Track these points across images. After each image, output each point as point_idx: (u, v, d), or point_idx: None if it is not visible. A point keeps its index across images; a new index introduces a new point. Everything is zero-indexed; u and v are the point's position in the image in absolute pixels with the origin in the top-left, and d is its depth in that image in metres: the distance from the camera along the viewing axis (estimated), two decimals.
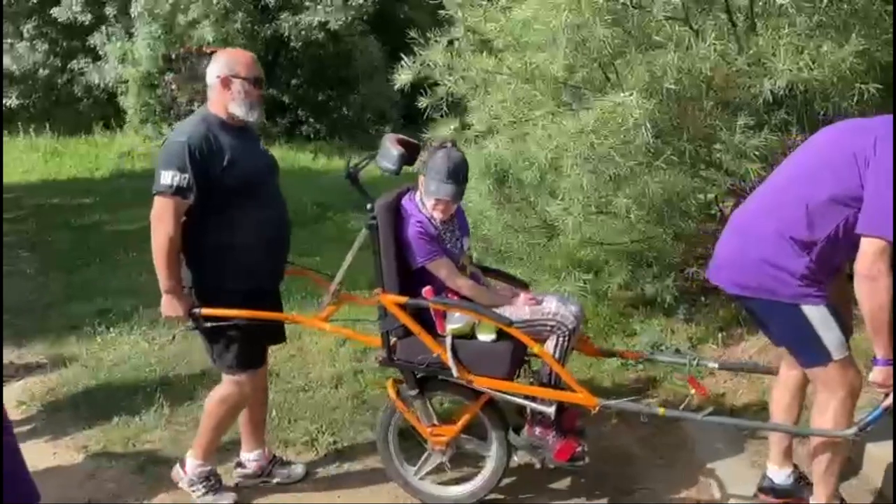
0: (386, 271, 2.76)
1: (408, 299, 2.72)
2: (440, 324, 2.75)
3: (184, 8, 12.80)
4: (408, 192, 2.90)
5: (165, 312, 2.72)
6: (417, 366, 2.79)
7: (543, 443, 2.79)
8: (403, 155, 2.74)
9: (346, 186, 2.86)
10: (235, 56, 2.80)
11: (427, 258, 2.75)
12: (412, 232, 2.74)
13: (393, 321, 2.76)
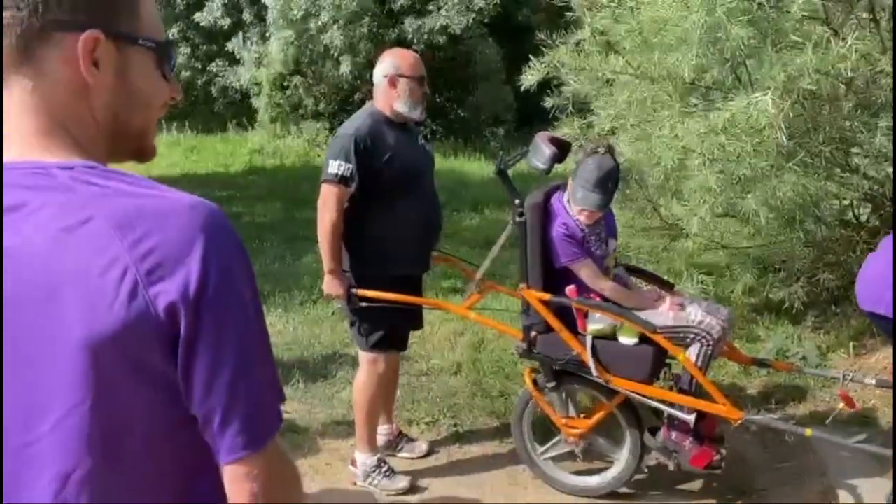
0: (530, 267, 2.83)
1: (551, 297, 2.78)
2: (581, 322, 2.80)
3: (315, 13, 13.46)
4: (557, 191, 2.95)
5: (326, 290, 2.94)
6: (556, 361, 2.85)
7: (679, 447, 2.78)
8: (555, 154, 2.78)
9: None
10: (401, 56, 2.99)
11: (569, 260, 2.80)
12: (556, 233, 2.80)
13: (535, 316, 2.83)
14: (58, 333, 0.80)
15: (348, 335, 4.71)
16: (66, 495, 0.83)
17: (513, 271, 5.41)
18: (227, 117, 16.52)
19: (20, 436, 0.83)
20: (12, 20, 0.82)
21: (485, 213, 8.70)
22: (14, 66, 0.85)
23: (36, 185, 0.82)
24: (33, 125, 0.86)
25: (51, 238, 0.80)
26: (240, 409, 0.85)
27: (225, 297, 0.83)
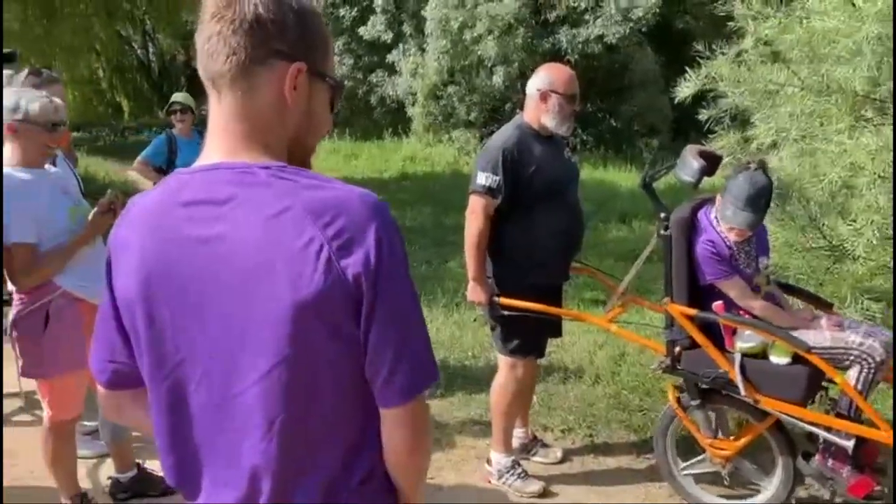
0: (676, 282, 2.80)
1: (697, 312, 2.73)
2: (729, 340, 2.73)
3: (470, 25, 13.78)
4: (705, 205, 2.88)
5: (470, 297, 3.06)
6: (702, 378, 2.78)
7: (836, 475, 2.64)
8: (704, 167, 2.74)
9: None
10: (556, 72, 3.05)
11: (716, 277, 2.74)
12: (702, 250, 2.75)
13: (680, 331, 2.79)
14: (268, 299, 1.00)
15: (488, 339, 4.84)
16: (270, 436, 1.04)
17: (657, 286, 5.34)
18: (383, 125, 17.29)
19: (234, 386, 1.04)
20: (237, 46, 1.03)
21: (633, 226, 8.54)
22: (231, 80, 1.06)
23: (242, 181, 1.03)
24: (239, 128, 1.07)
25: (260, 223, 1.01)
26: (404, 363, 1.05)
27: (394, 269, 1.03)
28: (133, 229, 1.09)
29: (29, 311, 2.59)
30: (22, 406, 3.90)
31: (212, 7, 1.05)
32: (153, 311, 1.06)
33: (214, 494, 1.11)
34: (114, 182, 10.21)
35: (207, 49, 1.05)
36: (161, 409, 1.11)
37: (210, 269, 1.03)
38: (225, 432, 1.07)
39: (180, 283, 1.04)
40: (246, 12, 1.03)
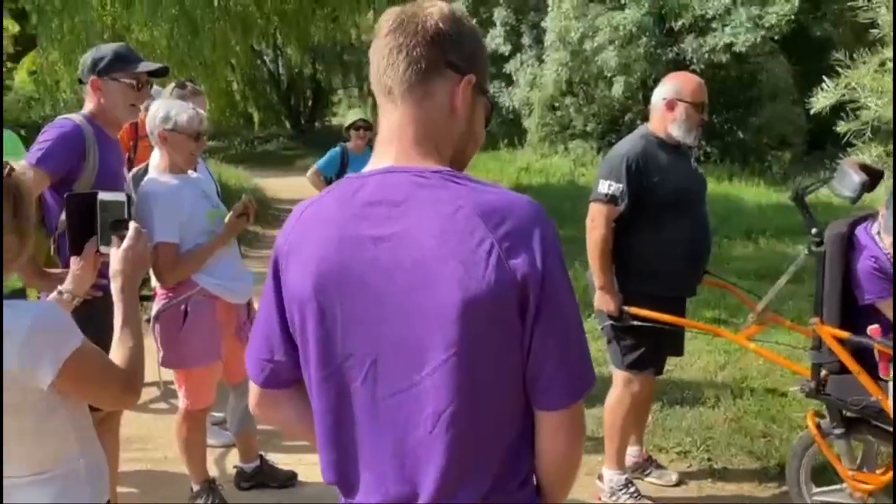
0: (827, 302, 2.65)
1: (849, 335, 2.57)
2: (884, 366, 2.53)
3: (591, 35, 13.63)
4: (864, 222, 2.71)
5: (598, 305, 3.02)
6: (849, 405, 2.63)
7: None
8: (865, 182, 2.58)
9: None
10: (683, 81, 2.99)
11: (878, 295, 2.57)
12: (864, 266, 2.59)
13: (828, 354, 2.64)
14: (440, 295, 1.05)
15: (601, 352, 4.75)
16: (439, 428, 1.07)
17: (792, 305, 5.07)
18: (499, 136, 17.37)
19: (404, 379, 1.09)
20: (418, 55, 1.12)
21: (759, 243, 8.13)
22: (409, 88, 1.13)
23: (416, 183, 1.10)
24: (412, 134, 1.14)
25: (434, 223, 1.06)
26: (565, 367, 1.09)
27: (558, 273, 1.08)
28: (307, 231, 1.15)
29: (170, 306, 2.79)
30: (159, 394, 4.19)
31: (392, 23, 1.14)
32: (325, 309, 1.11)
33: (374, 490, 1.13)
34: (244, 188, 10.83)
35: (388, 61, 1.13)
36: (323, 406, 1.14)
37: (385, 267, 1.07)
38: (391, 426, 1.10)
39: (356, 281, 1.09)
40: (428, 26, 1.12)
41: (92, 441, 1.53)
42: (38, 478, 1.43)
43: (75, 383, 1.39)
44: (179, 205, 2.75)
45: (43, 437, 1.42)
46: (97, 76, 2.49)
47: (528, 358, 1.07)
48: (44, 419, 1.40)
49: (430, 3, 1.15)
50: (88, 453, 1.50)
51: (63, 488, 1.45)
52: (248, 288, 3.03)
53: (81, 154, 2.43)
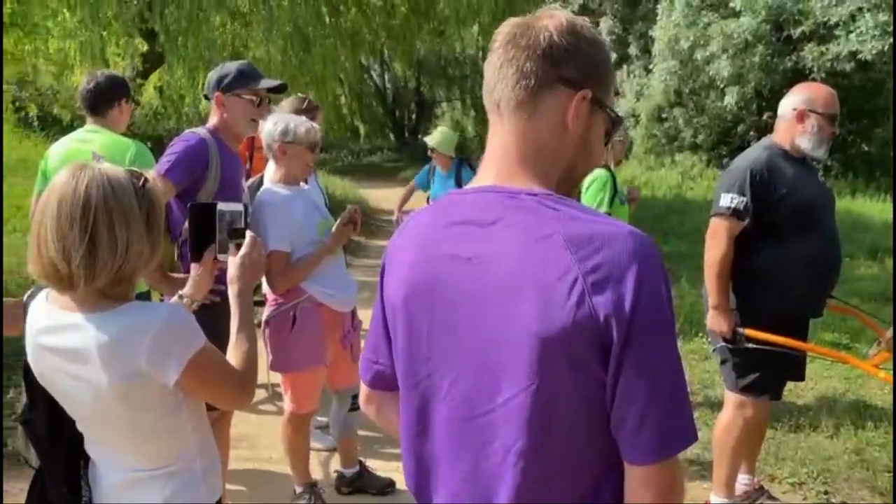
0: None
1: None
2: None
3: (703, 44, 13.20)
4: None
5: (710, 326, 2.89)
6: None
7: None
8: None
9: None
10: (815, 91, 2.84)
11: None
12: None
13: None
14: (517, 324, 1.00)
15: (708, 374, 4.55)
16: (507, 463, 1.03)
17: None
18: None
19: (477, 406, 1.05)
20: (529, 71, 1.07)
21: (885, 263, 7.59)
22: (517, 104, 1.09)
23: (509, 205, 1.05)
24: (515, 153, 1.10)
25: (519, 248, 1.02)
26: (652, 419, 0.97)
27: (652, 317, 0.97)
28: (406, 242, 1.17)
29: (280, 311, 2.90)
30: (267, 396, 4.36)
31: (505, 36, 1.09)
32: (412, 321, 1.12)
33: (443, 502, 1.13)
34: (349, 199, 11.14)
35: (498, 75, 1.09)
36: (408, 415, 1.15)
37: (466, 287, 1.06)
38: (465, 448, 1.08)
39: (439, 297, 1.09)
40: (541, 39, 1.06)
41: (209, 441, 1.59)
42: (157, 472, 1.50)
43: (198, 382, 1.45)
44: (292, 215, 2.85)
45: (165, 435, 1.48)
46: (221, 92, 2.63)
47: (613, 404, 0.99)
48: (167, 417, 1.46)
49: (547, 15, 1.10)
50: (205, 453, 1.57)
51: (181, 485, 1.51)
52: (352, 296, 3.10)
53: (205, 165, 2.56)
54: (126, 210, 1.35)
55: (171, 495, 1.50)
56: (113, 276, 1.36)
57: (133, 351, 1.36)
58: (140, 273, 1.45)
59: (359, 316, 3.24)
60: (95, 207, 1.33)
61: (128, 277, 1.40)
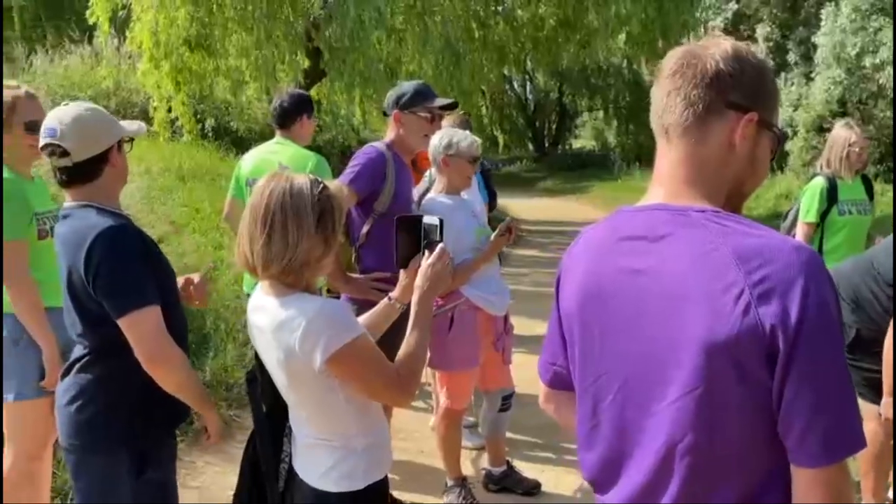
0: None
1: None
2: None
3: (872, 50, 12.30)
4: None
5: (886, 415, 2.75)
6: None
7: None
8: None
9: None
10: None
11: None
12: None
13: None
14: (683, 333, 1.08)
15: None
16: (669, 460, 1.12)
17: None
18: None
19: (644, 406, 1.15)
20: (696, 98, 1.14)
21: None
22: (684, 130, 1.17)
23: (678, 221, 1.14)
24: (683, 174, 1.18)
25: (687, 261, 1.10)
26: (820, 424, 1.02)
27: (819, 329, 1.02)
28: (580, 254, 1.29)
29: (439, 313, 3.09)
30: (418, 394, 4.60)
31: (673, 65, 1.17)
32: (585, 327, 1.24)
33: (616, 496, 1.22)
34: None
35: (666, 103, 1.17)
36: (583, 413, 1.27)
37: (636, 297, 1.16)
38: (632, 446, 1.17)
39: (610, 306, 1.19)
40: (708, 68, 1.14)
41: (373, 425, 1.75)
42: (322, 442, 1.71)
43: (346, 372, 1.63)
44: (453, 223, 3.04)
45: (324, 410, 1.70)
46: (399, 110, 2.87)
47: (780, 409, 1.03)
48: (322, 395, 1.67)
49: (713, 43, 1.17)
50: (367, 434, 1.73)
51: (341, 457, 1.71)
52: (506, 302, 3.25)
53: (383, 177, 2.81)
54: (299, 212, 1.59)
55: (333, 465, 1.70)
56: (284, 266, 1.60)
57: (290, 333, 1.59)
58: (312, 268, 1.66)
59: (511, 321, 3.38)
60: (274, 209, 1.59)
61: (297, 270, 1.62)
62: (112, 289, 1.85)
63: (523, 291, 6.72)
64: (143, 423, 1.95)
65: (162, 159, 8.28)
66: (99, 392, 1.96)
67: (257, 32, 8.33)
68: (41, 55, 10.77)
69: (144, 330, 1.86)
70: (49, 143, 1.92)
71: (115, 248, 1.87)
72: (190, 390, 1.97)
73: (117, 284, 1.86)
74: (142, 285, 1.88)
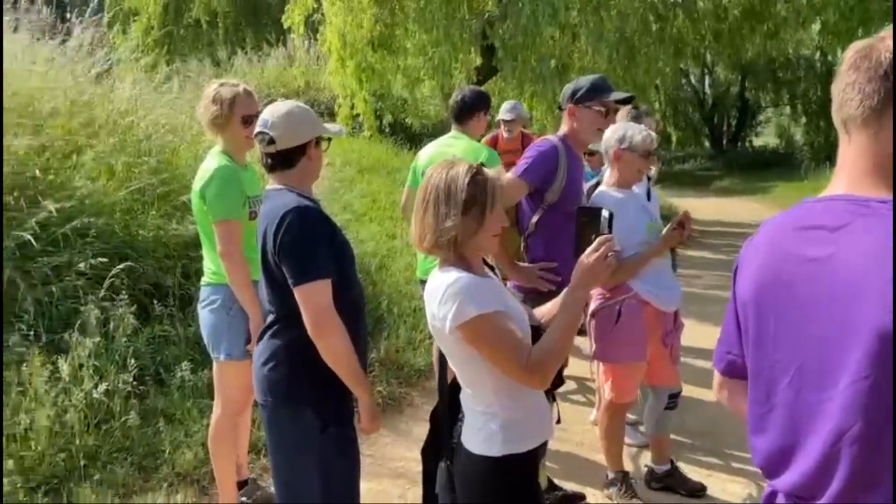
0: None
1: None
2: None
3: None
4: None
5: None
6: None
7: None
8: None
9: None
10: None
11: None
12: None
13: None
14: (858, 321, 1.10)
15: None
16: (838, 446, 1.14)
17: None
18: None
19: (817, 392, 1.18)
20: (871, 91, 1.16)
21: None
22: (862, 123, 1.19)
23: (857, 212, 1.16)
24: (863, 165, 1.20)
25: (863, 250, 1.12)
26: None
27: None
28: (759, 244, 1.32)
29: (606, 305, 3.11)
30: (576, 387, 4.63)
31: (850, 58, 1.21)
32: (761, 315, 1.27)
33: (787, 480, 1.24)
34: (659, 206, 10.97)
35: (843, 96, 1.21)
36: (753, 397, 1.30)
37: (811, 285, 1.18)
38: (804, 432, 1.20)
39: (786, 294, 1.22)
40: (882, 60, 1.16)
41: (518, 398, 1.82)
42: (470, 405, 1.86)
43: (473, 342, 1.74)
44: (623, 216, 3.03)
45: (467, 373, 1.84)
46: (574, 104, 2.93)
47: None
48: (464, 360, 1.80)
49: (889, 34, 1.18)
50: (509, 406, 1.82)
51: (483, 422, 1.83)
52: (676, 297, 3.19)
53: (555, 169, 2.88)
54: (450, 193, 1.75)
55: (477, 428, 1.84)
56: (434, 241, 1.77)
57: (434, 300, 1.77)
58: (463, 246, 1.79)
59: (681, 318, 3.32)
60: (431, 189, 1.78)
61: (445, 245, 1.78)
62: (293, 260, 2.07)
63: (694, 294, 6.50)
64: (325, 384, 2.13)
65: (343, 153, 8.86)
66: (286, 355, 2.18)
67: (435, 32, 8.66)
68: (241, 57, 11.91)
69: (314, 301, 2.06)
70: (261, 131, 2.19)
71: (301, 225, 2.08)
72: (344, 367, 2.12)
73: (298, 257, 2.07)
74: (319, 260, 2.07)
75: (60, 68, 5.06)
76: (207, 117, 2.81)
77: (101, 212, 4.19)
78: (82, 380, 3.33)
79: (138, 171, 4.60)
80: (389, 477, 3.54)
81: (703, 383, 4.62)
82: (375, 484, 3.43)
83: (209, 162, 2.82)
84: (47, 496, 3.04)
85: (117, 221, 4.25)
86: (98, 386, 3.33)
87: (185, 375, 3.66)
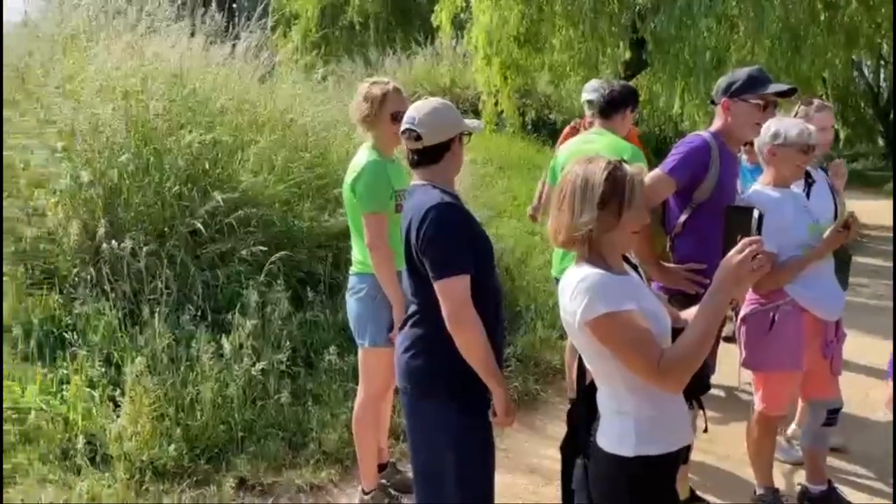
0: None
1: None
2: None
3: None
4: None
5: None
6: None
7: None
8: None
9: None
10: None
11: None
12: None
13: None
14: None
15: None
16: None
17: None
18: None
19: None
20: None
21: None
22: None
23: None
24: None
25: None
26: None
27: None
28: None
29: (758, 311, 2.93)
30: (724, 396, 4.40)
31: None
32: None
33: None
34: None
35: None
36: None
37: None
38: None
39: None
40: None
41: (654, 399, 1.77)
42: (604, 402, 1.85)
43: (603, 340, 1.72)
44: (780, 216, 2.85)
45: (598, 369, 1.83)
46: (728, 98, 2.78)
47: None
48: (594, 359, 1.81)
49: None
50: (644, 406, 1.77)
51: (616, 421, 1.81)
52: (839, 306, 2.96)
53: (706, 166, 2.75)
54: (586, 188, 1.74)
55: (609, 425, 1.82)
56: (569, 236, 1.77)
57: (565, 295, 1.78)
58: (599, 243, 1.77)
59: (843, 328, 3.08)
60: (567, 184, 1.78)
61: (581, 241, 1.76)
62: (434, 254, 2.13)
63: (860, 304, 5.98)
64: (462, 375, 2.16)
65: (486, 150, 8.93)
66: (425, 345, 2.25)
67: (582, 26, 8.52)
68: (391, 57, 12.31)
69: (453, 294, 2.10)
70: (408, 128, 2.25)
71: (443, 220, 2.13)
72: (479, 359, 2.14)
73: (439, 251, 2.12)
74: (459, 255, 2.12)
75: (230, 69, 5.47)
76: (359, 114, 2.94)
77: (262, 203, 4.49)
78: (242, 357, 3.60)
79: (296, 166, 4.89)
80: (523, 472, 3.54)
81: (870, 402, 4.29)
82: (510, 478, 3.44)
83: (360, 157, 2.95)
84: (209, 463, 3.31)
85: (276, 212, 4.54)
86: (256, 364, 3.58)
87: (332, 359, 3.84)
